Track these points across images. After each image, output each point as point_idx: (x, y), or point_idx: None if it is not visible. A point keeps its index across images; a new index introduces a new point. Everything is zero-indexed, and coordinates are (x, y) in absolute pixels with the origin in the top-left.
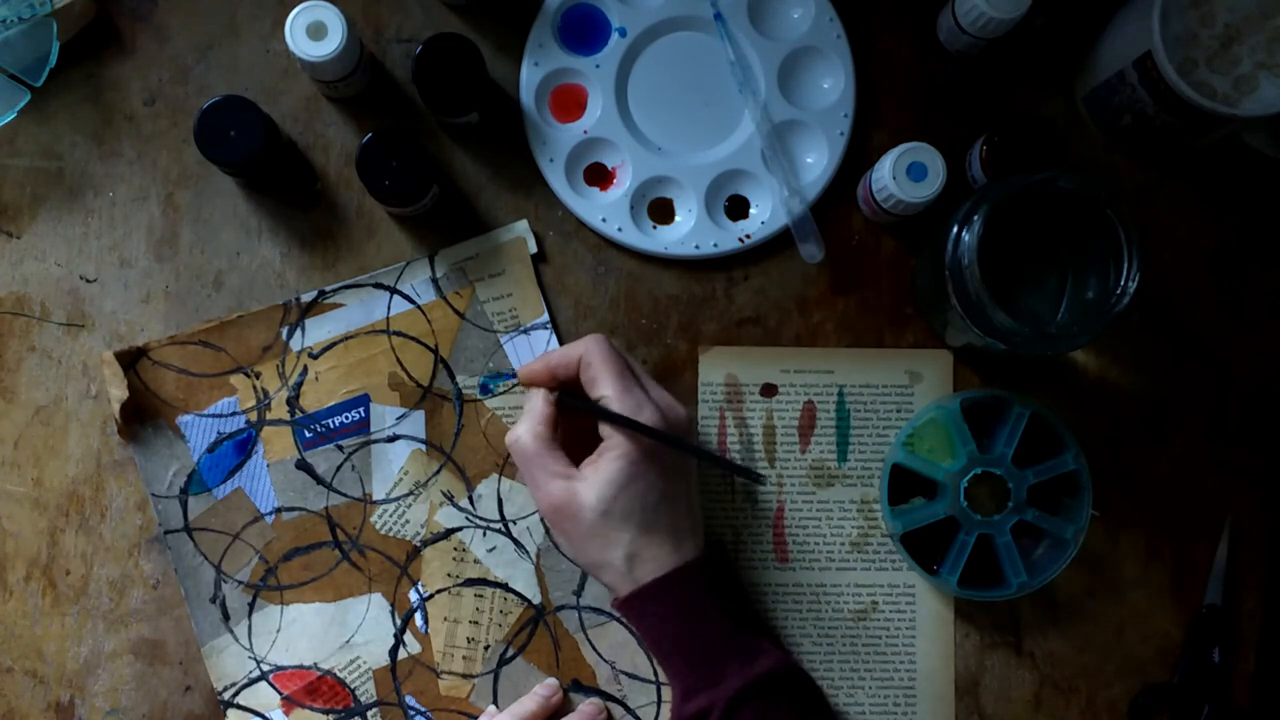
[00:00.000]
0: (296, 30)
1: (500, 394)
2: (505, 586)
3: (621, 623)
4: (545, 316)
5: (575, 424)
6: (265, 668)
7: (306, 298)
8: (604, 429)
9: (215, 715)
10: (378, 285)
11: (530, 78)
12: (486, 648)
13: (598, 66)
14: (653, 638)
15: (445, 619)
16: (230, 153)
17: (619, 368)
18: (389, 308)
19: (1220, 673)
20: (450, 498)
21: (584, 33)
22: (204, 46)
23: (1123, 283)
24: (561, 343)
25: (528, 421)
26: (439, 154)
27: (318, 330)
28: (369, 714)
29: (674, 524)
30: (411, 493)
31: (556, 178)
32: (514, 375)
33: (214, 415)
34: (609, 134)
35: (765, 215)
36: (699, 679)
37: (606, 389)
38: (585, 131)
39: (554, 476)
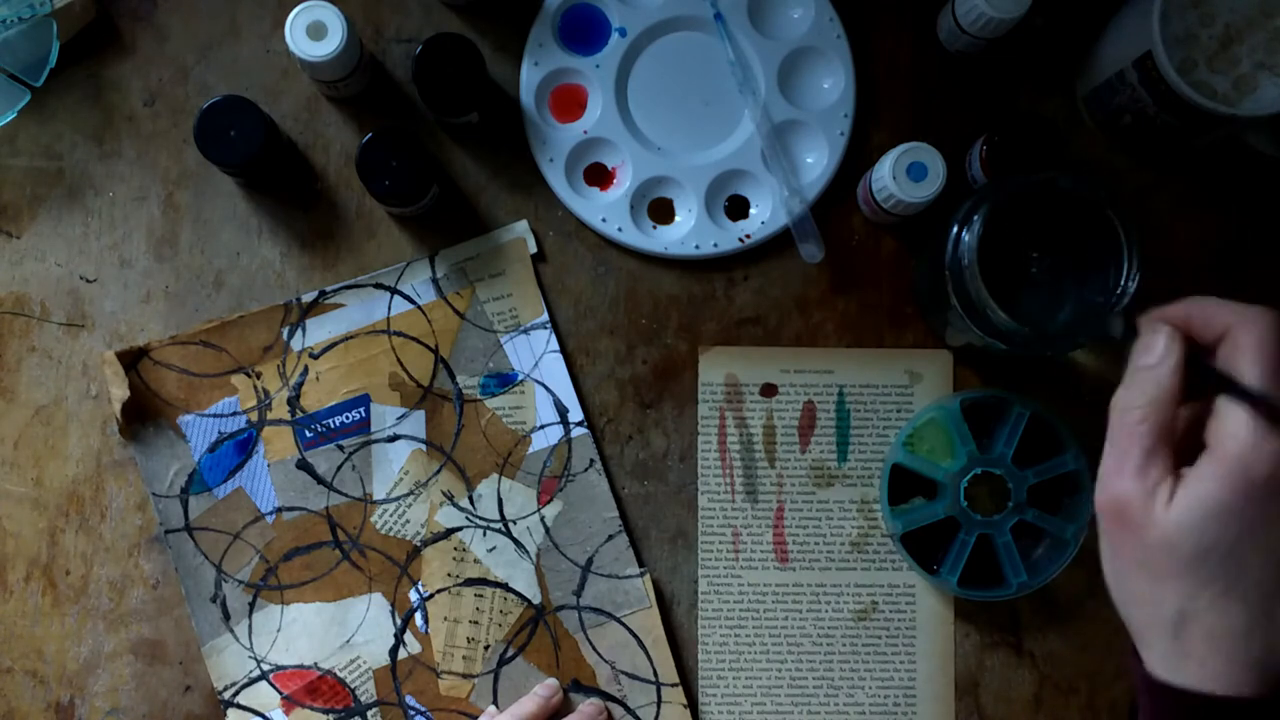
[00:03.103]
0: (296, 30)
1: (501, 395)
2: (505, 586)
3: (622, 623)
4: (545, 316)
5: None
6: (265, 667)
7: (307, 298)
8: (1216, 433)
9: (215, 715)
10: (378, 285)
11: (530, 78)
12: (486, 647)
13: (598, 66)
14: None
15: (445, 619)
16: (230, 153)
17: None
18: (389, 308)
19: None
20: (450, 498)
21: (584, 33)
22: (204, 46)
23: (1123, 283)
24: (561, 343)
25: (1150, 390)
26: (439, 154)
27: (318, 330)
28: (369, 714)
29: (1262, 595)
30: (412, 493)
31: (556, 178)
32: (516, 375)
33: (215, 415)
34: (609, 134)
35: (765, 215)
36: None
37: (1253, 375)
38: (585, 131)
39: (1138, 472)
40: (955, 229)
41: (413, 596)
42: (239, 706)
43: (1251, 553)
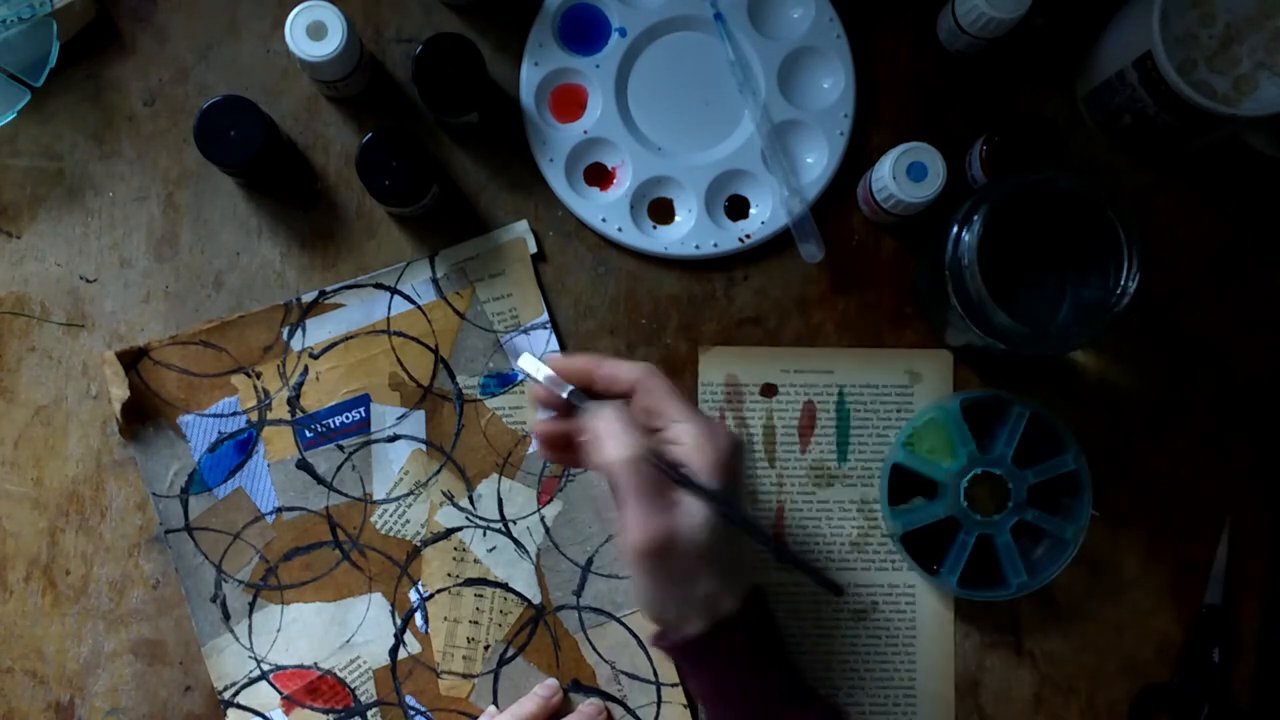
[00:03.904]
0: (296, 30)
1: (501, 395)
2: (505, 586)
3: (622, 623)
4: (545, 316)
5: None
6: (265, 667)
7: (307, 298)
8: (678, 450)
9: (215, 715)
10: (378, 285)
11: (530, 78)
12: (486, 648)
13: (598, 66)
14: (713, 683)
15: (445, 619)
16: (230, 153)
17: (680, 391)
18: (389, 308)
19: (1220, 673)
20: (450, 497)
21: (584, 33)
22: (204, 46)
23: (1123, 283)
24: (561, 344)
25: (635, 440)
26: (439, 154)
27: (318, 330)
28: (369, 714)
29: (742, 559)
30: (412, 493)
31: (556, 178)
32: (516, 375)
33: (215, 415)
34: (609, 134)
35: (765, 215)
36: None
37: (676, 412)
38: (585, 131)
39: (657, 511)
40: (955, 229)
41: (413, 596)
42: (239, 706)
43: (731, 532)
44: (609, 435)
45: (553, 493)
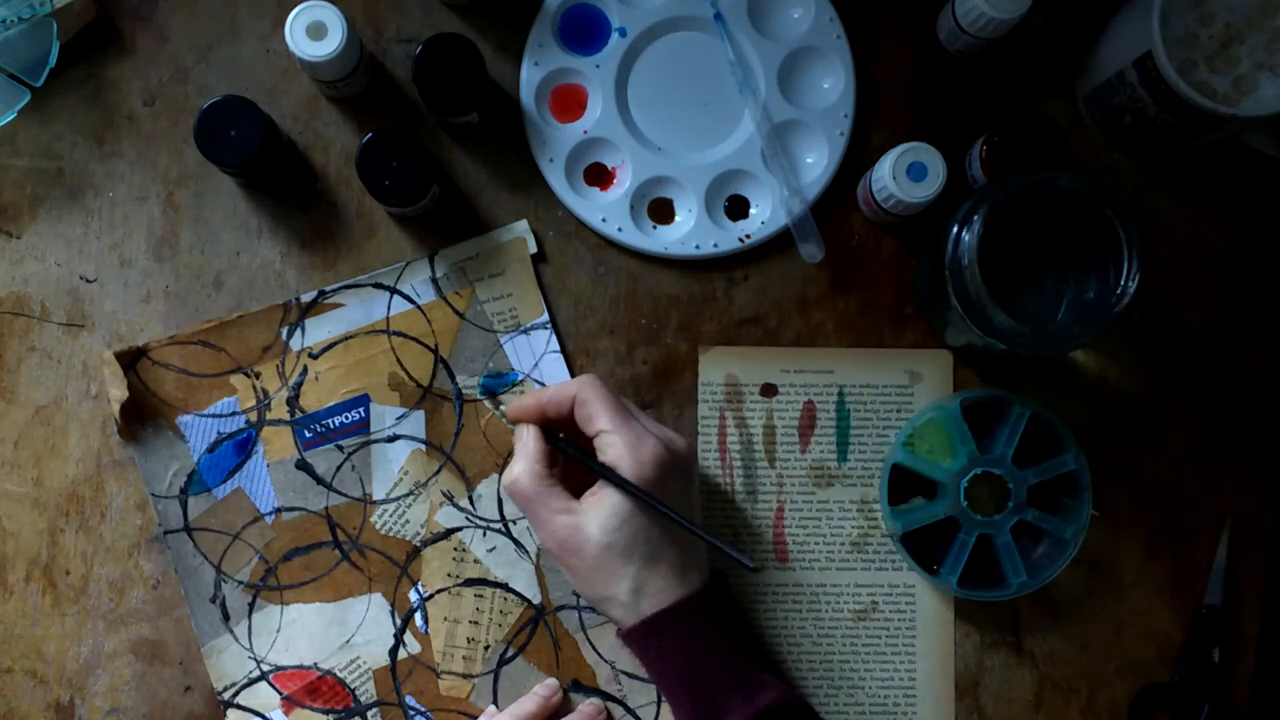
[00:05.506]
0: (296, 30)
1: (504, 393)
2: (505, 586)
3: None
4: (545, 316)
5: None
6: (265, 668)
7: (306, 298)
8: (604, 459)
9: (215, 715)
10: (378, 285)
11: (530, 78)
12: (486, 648)
13: (598, 66)
14: (656, 670)
15: (445, 619)
16: (230, 153)
17: (615, 402)
18: (389, 308)
19: (1220, 673)
20: (450, 498)
21: (584, 33)
22: (204, 46)
23: (1123, 283)
24: (561, 343)
25: (524, 461)
26: (439, 154)
27: (318, 330)
28: (369, 714)
29: (679, 555)
30: (411, 493)
31: (556, 178)
32: (516, 375)
33: (214, 415)
34: (609, 134)
35: (765, 215)
36: (700, 713)
37: (604, 423)
38: (585, 131)
39: (556, 513)
40: (955, 229)
41: (413, 597)
42: (239, 707)
43: (651, 528)
44: (512, 460)
45: None
